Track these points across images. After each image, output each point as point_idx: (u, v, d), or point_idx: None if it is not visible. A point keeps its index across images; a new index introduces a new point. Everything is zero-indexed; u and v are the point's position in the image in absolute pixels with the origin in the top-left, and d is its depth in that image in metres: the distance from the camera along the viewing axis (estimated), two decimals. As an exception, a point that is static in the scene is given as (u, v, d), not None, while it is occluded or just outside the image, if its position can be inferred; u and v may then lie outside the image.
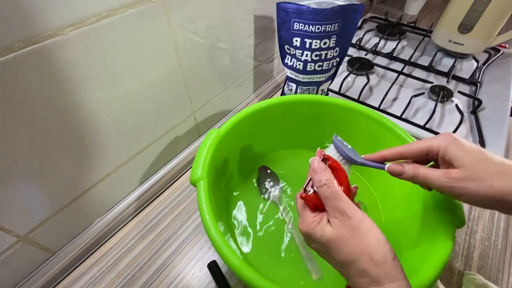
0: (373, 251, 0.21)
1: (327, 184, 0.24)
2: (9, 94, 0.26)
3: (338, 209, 0.23)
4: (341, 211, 0.23)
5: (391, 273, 0.21)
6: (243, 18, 0.51)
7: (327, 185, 0.24)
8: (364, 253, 0.21)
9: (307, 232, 0.25)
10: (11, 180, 0.30)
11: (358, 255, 0.21)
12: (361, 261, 0.21)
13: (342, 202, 0.23)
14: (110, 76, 0.34)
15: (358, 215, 0.23)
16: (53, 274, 0.39)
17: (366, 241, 0.21)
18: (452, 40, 0.74)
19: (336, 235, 0.23)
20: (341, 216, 0.23)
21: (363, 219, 0.22)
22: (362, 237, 0.22)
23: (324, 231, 0.23)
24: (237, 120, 0.41)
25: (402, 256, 0.35)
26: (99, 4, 0.29)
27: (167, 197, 0.50)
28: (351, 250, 0.22)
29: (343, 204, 0.23)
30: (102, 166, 0.39)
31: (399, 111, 0.61)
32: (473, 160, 0.23)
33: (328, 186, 0.24)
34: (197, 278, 0.40)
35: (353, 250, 0.22)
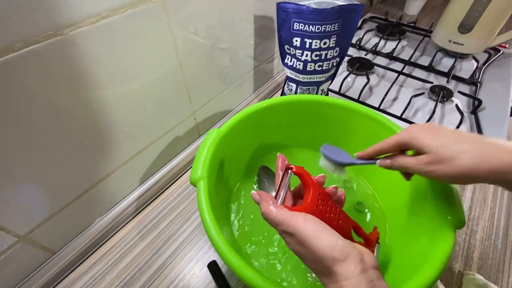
0: (320, 257, 0.23)
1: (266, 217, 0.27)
2: (8, 94, 0.26)
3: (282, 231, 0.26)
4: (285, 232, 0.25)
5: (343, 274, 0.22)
6: (243, 18, 0.51)
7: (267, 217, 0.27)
8: (314, 258, 0.24)
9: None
10: (11, 180, 0.30)
11: (312, 261, 0.24)
12: (315, 265, 0.24)
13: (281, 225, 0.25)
14: (110, 76, 0.34)
15: (299, 227, 0.24)
16: (53, 274, 0.39)
17: (312, 250, 0.23)
18: (452, 40, 0.74)
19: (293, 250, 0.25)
20: (287, 235, 0.25)
21: (304, 229, 0.24)
22: (309, 247, 0.24)
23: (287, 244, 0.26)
24: (237, 120, 0.41)
25: (402, 256, 0.35)
26: (99, 4, 0.29)
27: (167, 197, 0.50)
28: (307, 259, 0.25)
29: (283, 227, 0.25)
30: (102, 166, 0.39)
31: (399, 111, 0.61)
32: (435, 145, 0.26)
33: (267, 217, 0.27)
34: (197, 278, 0.40)
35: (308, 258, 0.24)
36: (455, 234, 0.30)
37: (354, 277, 0.22)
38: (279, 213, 0.26)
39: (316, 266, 0.24)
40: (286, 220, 0.25)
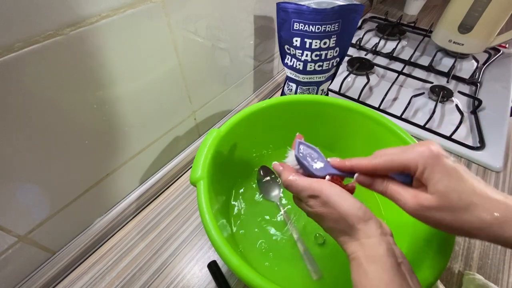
0: (345, 215, 0.24)
1: (289, 183, 0.28)
2: (8, 94, 0.26)
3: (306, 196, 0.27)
4: (310, 196, 0.26)
5: (366, 232, 0.24)
6: (243, 18, 0.51)
7: (290, 184, 0.28)
8: (338, 217, 0.25)
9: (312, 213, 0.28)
10: (11, 180, 0.30)
11: (335, 221, 0.25)
12: (338, 224, 0.25)
13: (306, 190, 0.27)
14: (110, 76, 0.34)
15: (324, 191, 0.26)
16: (53, 274, 0.39)
17: (337, 209, 0.25)
18: (452, 40, 0.74)
19: (315, 212, 0.26)
20: (312, 199, 0.26)
21: (330, 192, 0.25)
22: (333, 206, 0.25)
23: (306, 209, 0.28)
24: (237, 120, 0.41)
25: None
26: (99, 4, 0.29)
27: (167, 197, 0.50)
28: (329, 219, 0.26)
29: (308, 191, 0.26)
30: (102, 166, 0.39)
31: (399, 111, 0.61)
32: (448, 188, 0.21)
33: (290, 185, 0.28)
34: (197, 278, 0.40)
35: (330, 219, 0.25)
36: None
37: (375, 236, 0.23)
38: (302, 179, 0.27)
39: (338, 225, 0.25)
40: (312, 184, 0.26)
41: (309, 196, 0.26)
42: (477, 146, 0.55)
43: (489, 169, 0.53)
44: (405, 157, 0.24)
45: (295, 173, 0.28)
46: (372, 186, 0.26)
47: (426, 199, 0.22)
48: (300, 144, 0.30)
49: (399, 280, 0.21)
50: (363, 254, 0.23)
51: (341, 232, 0.25)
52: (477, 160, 0.54)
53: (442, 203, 0.21)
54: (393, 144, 0.40)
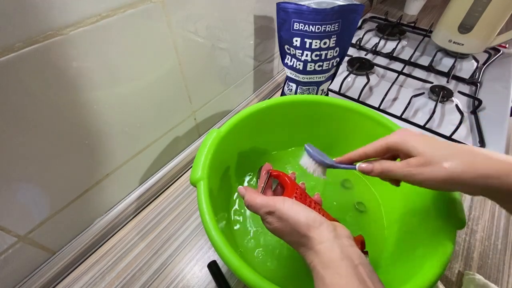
0: (297, 226, 0.26)
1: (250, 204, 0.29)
2: (8, 94, 0.26)
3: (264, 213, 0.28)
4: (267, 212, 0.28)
5: (317, 238, 0.25)
6: (243, 18, 0.51)
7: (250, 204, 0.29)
8: (292, 230, 0.26)
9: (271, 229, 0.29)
10: (11, 180, 0.30)
11: (290, 233, 0.26)
12: (293, 237, 0.26)
13: (263, 208, 0.28)
14: (110, 76, 0.34)
15: (277, 206, 0.27)
16: (53, 274, 0.39)
17: (290, 221, 0.26)
18: (452, 40, 0.74)
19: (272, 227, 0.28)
20: (269, 215, 0.28)
21: (283, 206, 0.27)
22: (287, 220, 0.26)
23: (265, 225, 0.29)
24: (237, 120, 0.41)
25: (402, 257, 0.35)
26: (99, 4, 0.29)
27: (167, 197, 0.50)
28: (285, 233, 0.27)
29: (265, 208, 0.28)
30: (102, 166, 0.39)
31: (399, 111, 0.61)
32: (427, 148, 0.26)
33: (250, 204, 0.29)
34: (197, 278, 0.40)
35: (286, 232, 0.27)
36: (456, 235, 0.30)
37: (328, 241, 0.24)
38: (260, 198, 0.29)
39: (293, 237, 0.26)
40: (268, 202, 0.28)
41: (266, 212, 0.28)
42: (477, 146, 0.55)
43: (489, 169, 0.53)
44: (388, 138, 0.29)
45: (255, 193, 0.30)
46: (372, 171, 0.29)
47: (414, 160, 0.26)
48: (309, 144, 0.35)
49: (356, 282, 0.21)
50: (319, 261, 0.24)
51: (299, 244, 0.26)
52: (477, 160, 0.54)
53: (426, 159, 0.25)
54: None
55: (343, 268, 0.22)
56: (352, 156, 0.31)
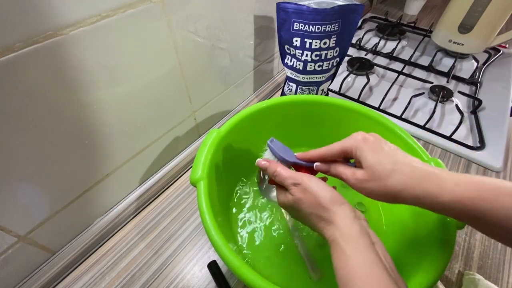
0: (320, 199, 0.27)
1: (275, 174, 0.31)
2: (9, 94, 0.26)
3: (290, 183, 0.30)
4: (293, 184, 0.30)
5: (339, 213, 0.26)
6: (243, 18, 0.51)
7: (275, 174, 0.31)
8: (314, 202, 0.28)
9: (281, 204, 0.32)
10: (11, 180, 0.30)
11: (312, 206, 0.28)
12: (315, 209, 0.27)
13: (289, 179, 0.30)
14: (110, 76, 0.34)
15: (304, 179, 0.29)
16: (53, 274, 0.39)
17: (314, 194, 0.28)
18: (452, 40, 0.74)
19: (295, 198, 0.29)
20: (294, 186, 0.29)
21: (309, 181, 0.29)
22: (311, 192, 0.28)
23: (287, 198, 0.30)
24: (237, 120, 0.41)
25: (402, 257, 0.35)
26: (99, 4, 0.29)
27: (167, 197, 0.50)
28: (307, 205, 0.28)
29: (291, 180, 0.30)
30: (102, 166, 0.39)
31: (399, 111, 0.61)
32: (373, 161, 0.26)
33: (276, 174, 0.31)
34: (197, 278, 0.40)
35: (308, 204, 0.28)
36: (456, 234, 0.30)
37: (349, 217, 0.26)
38: (287, 170, 0.31)
39: (315, 209, 0.27)
40: (295, 174, 0.30)
41: (292, 183, 0.30)
42: (477, 146, 0.55)
43: (489, 169, 0.53)
44: (344, 143, 0.30)
45: (280, 166, 0.32)
46: (329, 171, 0.31)
47: (360, 174, 0.27)
48: (272, 139, 0.35)
49: (373, 257, 0.23)
50: (340, 234, 0.25)
51: (319, 217, 0.27)
52: (477, 160, 0.54)
53: (371, 174, 0.26)
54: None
55: (362, 243, 0.24)
56: (312, 156, 0.32)
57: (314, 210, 0.27)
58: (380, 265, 0.23)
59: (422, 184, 0.24)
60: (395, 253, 0.38)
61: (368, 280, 0.22)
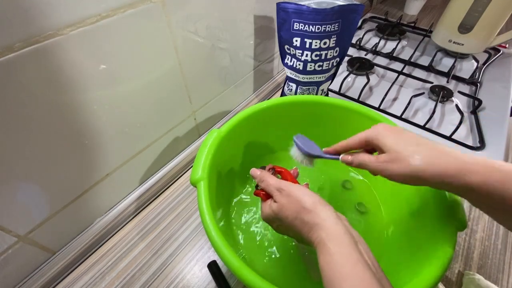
0: (303, 203, 0.28)
1: (263, 180, 0.33)
2: (9, 94, 0.26)
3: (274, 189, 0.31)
4: (277, 190, 0.31)
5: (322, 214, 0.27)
6: (243, 18, 0.51)
7: (263, 180, 0.33)
8: (298, 206, 0.28)
9: (265, 216, 0.32)
10: (11, 180, 0.30)
11: (296, 210, 0.28)
12: (299, 213, 0.28)
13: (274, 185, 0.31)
14: (110, 76, 0.34)
15: (288, 186, 0.30)
16: (53, 274, 0.39)
17: (297, 199, 0.28)
18: (452, 40, 0.74)
19: (279, 205, 0.30)
20: (278, 193, 0.30)
21: (293, 187, 0.30)
22: (295, 197, 0.29)
23: (271, 207, 0.31)
24: (238, 120, 0.41)
25: (403, 258, 0.35)
26: (99, 4, 0.29)
27: (167, 197, 0.50)
28: (291, 210, 0.29)
29: (275, 186, 0.31)
30: (102, 166, 0.39)
31: (399, 111, 0.61)
32: (395, 144, 0.27)
33: (263, 180, 0.33)
34: (197, 278, 0.40)
35: (292, 209, 0.28)
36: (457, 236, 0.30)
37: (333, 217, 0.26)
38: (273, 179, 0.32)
39: (299, 213, 0.28)
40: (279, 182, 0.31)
41: (276, 189, 0.31)
42: (477, 146, 0.55)
43: (489, 169, 0.53)
44: (366, 132, 0.30)
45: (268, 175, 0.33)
46: (353, 162, 0.31)
47: (383, 157, 0.28)
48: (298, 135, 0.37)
49: (357, 255, 0.24)
50: (325, 234, 0.25)
51: (303, 222, 0.28)
52: (477, 160, 0.54)
53: (393, 155, 0.27)
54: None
55: (346, 241, 0.25)
56: (338, 147, 0.33)
57: (298, 215, 0.28)
58: (364, 264, 0.23)
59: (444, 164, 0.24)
60: (396, 253, 0.38)
61: (352, 278, 0.22)
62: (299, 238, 0.30)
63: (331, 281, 0.23)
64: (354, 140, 0.32)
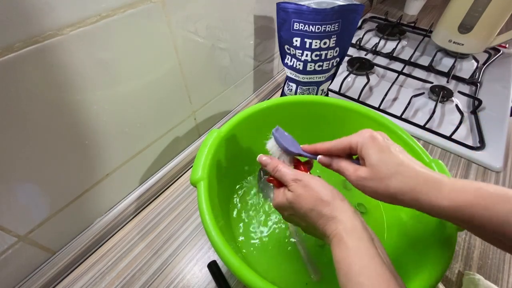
0: (322, 195, 0.27)
1: (277, 170, 0.31)
2: (9, 94, 0.26)
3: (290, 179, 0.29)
4: (293, 179, 0.29)
5: (341, 208, 0.26)
6: (243, 18, 0.51)
7: (277, 170, 0.31)
8: (316, 198, 0.27)
9: (277, 204, 0.31)
10: (11, 180, 0.30)
11: (313, 202, 0.27)
12: (316, 205, 0.27)
13: (290, 175, 0.30)
14: (110, 76, 0.34)
15: (306, 176, 0.29)
16: (53, 274, 0.39)
17: (315, 190, 0.27)
18: (452, 40, 0.74)
19: (295, 195, 0.28)
20: (294, 182, 0.29)
21: (311, 178, 0.29)
22: (313, 188, 0.28)
23: (286, 195, 0.30)
24: (238, 120, 0.41)
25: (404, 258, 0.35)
26: (99, 4, 0.29)
27: (167, 197, 0.50)
28: (308, 201, 0.27)
29: (292, 176, 0.30)
30: (102, 166, 0.39)
31: (399, 111, 0.61)
32: (378, 161, 0.26)
33: (277, 170, 0.31)
34: (197, 278, 0.40)
35: (309, 200, 0.27)
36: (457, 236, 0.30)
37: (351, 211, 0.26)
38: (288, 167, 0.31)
39: (315, 205, 0.27)
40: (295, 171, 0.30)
41: (293, 179, 0.29)
42: (477, 146, 0.55)
43: (489, 169, 0.53)
44: (351, 138, 0.29)
45: (282, 163, 0.32)
46: (331, 165, 0.31)
47: (363, 171, 0.27)
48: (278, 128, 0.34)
49: (374, 250, 0.23)
50: (343, 228, 0.25)
51: (319, 214, 0.27)
52: (477, 160, 0.54)
53: (373, 173, 0.26)
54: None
55: (365, 236, 0.24)
56: (318, 148, 0.32)
57: (315, 206, 0.27)
58: (381, 259, 0.23)
59: (423, 188, 0.24)
60: (397, 254, 0.38)
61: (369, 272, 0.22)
62: (311, 230, 0.30)
63: (347, 275, 0.23)
64: (336, 144, 0.30)
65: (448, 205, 0.22)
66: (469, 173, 0.53)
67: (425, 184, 0.24)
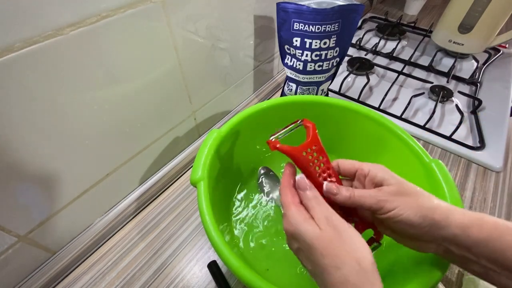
0: (362, 257, 0.20)
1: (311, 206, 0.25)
2: (8, 94, 0.26)
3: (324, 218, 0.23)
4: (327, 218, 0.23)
5: (373, 282, 0.20)
6: (243, 18, 0.51)
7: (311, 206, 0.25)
8: (351, 256, 0.20)
9: (294, 230, 0.24)
10: (11, 180, 0.30)
11: (344, 259, 0.21)
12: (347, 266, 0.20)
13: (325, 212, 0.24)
14: (110, 77, 0.34)
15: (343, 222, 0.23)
16: (53, 274, 0.39)
17: (353, 244, 0.21)
18: (452, 40, 0.74)
19: (323, 235, 0.22)
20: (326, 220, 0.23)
21: (349, 226, 0.23)
22: (350, 239, 0.21)
23: (310, 228, 0.23)
24: (238, 120, 0.41)
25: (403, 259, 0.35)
26: (99, 4, 0.29)
27: (167, 197, 0.50)
28: (337, 253, 0.21)
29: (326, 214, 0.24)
30: (102, 166, 0.39)
31: (399, 111, 0.61)
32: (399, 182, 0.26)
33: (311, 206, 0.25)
34: (197, 278, 0.40)
35: (339, 252, 0.21)
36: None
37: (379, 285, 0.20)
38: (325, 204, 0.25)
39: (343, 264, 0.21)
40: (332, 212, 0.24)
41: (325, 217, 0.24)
42: (477, 146, 0.55)
43: (489, 169, 0.53)
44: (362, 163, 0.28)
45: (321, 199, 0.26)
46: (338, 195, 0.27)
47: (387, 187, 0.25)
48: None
49: None
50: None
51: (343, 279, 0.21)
52: (477, 160, 0.54)
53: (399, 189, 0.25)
54: (393, 144, 0.40)
55: None
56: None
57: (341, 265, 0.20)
58: None
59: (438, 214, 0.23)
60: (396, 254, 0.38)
61: None
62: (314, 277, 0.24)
63: None
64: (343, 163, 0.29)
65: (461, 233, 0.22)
66: (469, 173, 0.53)
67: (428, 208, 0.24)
